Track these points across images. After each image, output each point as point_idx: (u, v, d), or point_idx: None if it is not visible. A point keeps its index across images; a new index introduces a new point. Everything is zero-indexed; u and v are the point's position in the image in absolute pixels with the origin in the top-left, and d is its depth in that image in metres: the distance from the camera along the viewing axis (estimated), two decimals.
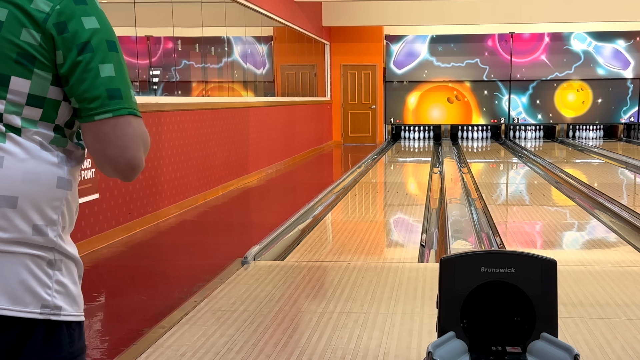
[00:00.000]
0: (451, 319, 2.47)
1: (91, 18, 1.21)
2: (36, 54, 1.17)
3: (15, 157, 1.16)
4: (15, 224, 1.16)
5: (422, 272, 4.37)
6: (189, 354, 3.02)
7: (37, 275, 1.18)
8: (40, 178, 1.18)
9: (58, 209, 1.21)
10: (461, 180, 9.29)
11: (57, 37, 1.17)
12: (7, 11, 1.16)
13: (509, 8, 14.86)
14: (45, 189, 1.18)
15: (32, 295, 1.17)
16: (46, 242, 1.19)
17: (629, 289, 4.00)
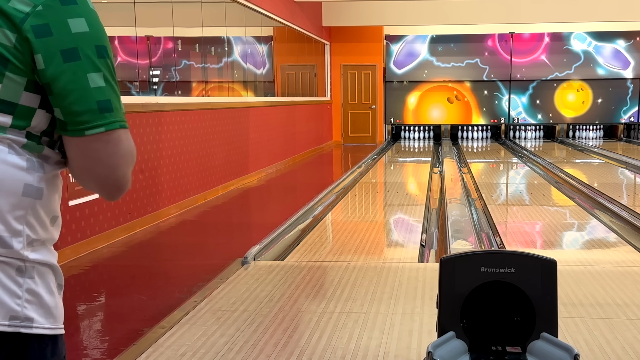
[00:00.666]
0: (451, 319, 2.47)
1: (80, 20, 1.08)
2: (9, 55, 1.06)
3: None
4: None
5: (422, 272, 4.37)
6: (189, 354, 3.02)
7: (4, 283, 1.06)
8: (3, 184, 1.06)
9: (22, 218, 1.08)
10: (461, 180, 9.29)
11: (34, 39, 1.05)
12: None
13: (509, 8, 14.86)
14: (7, 196, 1.06)
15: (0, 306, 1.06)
16: (10, 254, 1.06)
17: (629, 289, 4.00)
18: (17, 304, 1.07)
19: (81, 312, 4.02)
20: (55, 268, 1.15)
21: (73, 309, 4.12)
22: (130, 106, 6.21)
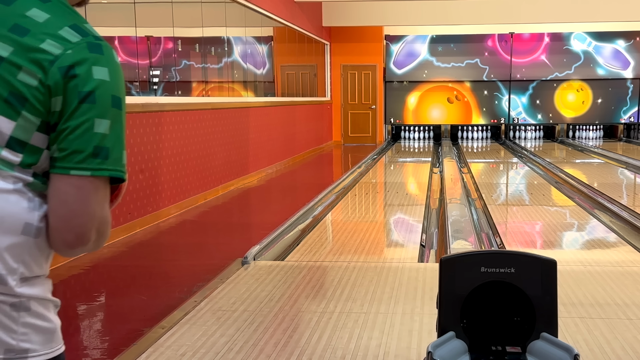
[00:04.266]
0: (451, 319, 2.47)
1: (103, 69, 1.11)
2: (29, 95, 1.08)
3: None
4: None
5: (422, 272, 4.38)
6: (189, 354, 3.02)
7: (6, 321, 1.08)
8: (4, 222, 1.07)
9: (19, 256, 1.08)
10: (461, 180, 9.29)
11: (60, 81, 1.08)
12: (13, 48, 1.09)
13: (509, 8, 14.86)
14: (6, 234, 1.07)
15: None
16: (5, 290, 1.07)
17: (629, 289, 4.00)
18: (13, 338, 1.09)
19: (81, 312, 4.02)
20: (50, 299, 1.15)
21: (73, 309, 4.12)
22: (131, 106, 6.21)
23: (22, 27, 1.10)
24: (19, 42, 1.09)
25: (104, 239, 1.17)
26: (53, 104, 1.09)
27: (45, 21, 1.11)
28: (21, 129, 1.08)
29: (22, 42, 1.09)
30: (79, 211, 1.10)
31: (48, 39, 1.09)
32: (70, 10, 1.16)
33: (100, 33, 1.17)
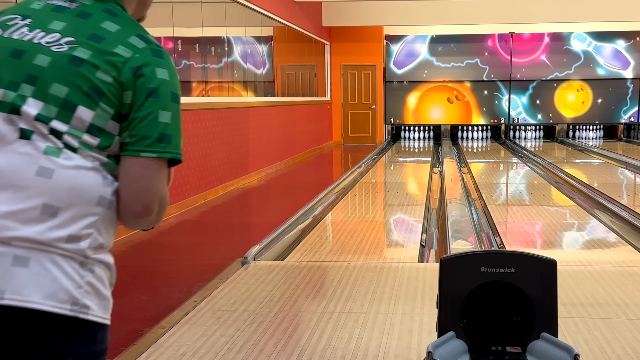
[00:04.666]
0: (451, 319, 2.47)
1: (164, 70, 1.35)
2: (105, 90, 1.31)
3: (65, 172, 1.29)
4: (52, 230, 1.26)
5: (422, 272, 4.38)
6: (189, 354, 3.02)
7: (70, 275, 1.27)
8: (83, 194, 1.29)
9: (93, 224, 1.30)
10: (461, 180, 9.29)
11: (130, 79, 1.32)
12: (91, 52, 1.32)
13: (509, 8, 14.86)
14: (85, 205, 1.29)
15: (64, 292, 1.26)
16: (77, 251, 1.28)
17: (629, 289, 4.00)
18: (78, 292, 1.27)
19: None
20: (111, 267, 1.36)
21: None
22: None
23: (98, 35, 1.34)
24: (97, 47, 1.33)
25: (163, 212, 1.39)
26: (125, 97, 1.32)
27: (117, 31, 1.35)
28: (99, 118, 1.31)
29: (99, 47, 1.33)
30: (146, 186, 1.32)
31: (120, 45, 1.33)
32: (134, 23, 1.41)
33: None
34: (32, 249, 1.26)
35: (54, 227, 1.27)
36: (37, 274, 1.25)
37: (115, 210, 1.34)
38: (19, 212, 1.27)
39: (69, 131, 1.31)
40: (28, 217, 1.27)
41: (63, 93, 1.31)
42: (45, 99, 1.31)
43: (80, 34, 1.34)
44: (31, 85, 1.32)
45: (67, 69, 1.32)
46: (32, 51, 1.34)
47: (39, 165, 1.28)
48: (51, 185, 1.28)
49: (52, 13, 1.39)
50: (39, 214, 1.27)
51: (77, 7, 1.38)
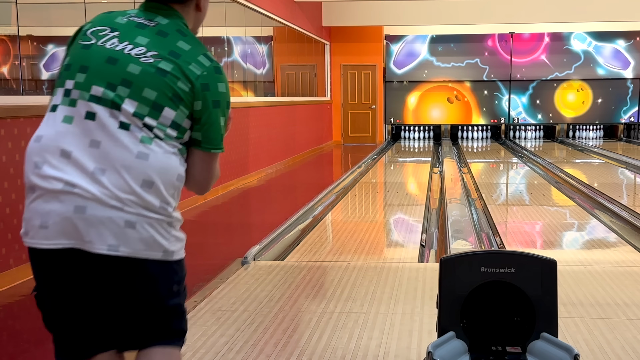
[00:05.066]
0: (451, 319, 2.47)
1: (223, 84, 1.82)
2: (184, 97, 1.76)
3: (157, 156, 1.72)
4: (149, 199, 1.72)
5: (422, 272, 4.38)
6: (189, 354, 3.02)
7: (162, 233, 1.75)
8: (169, 172, 1.75)
9: (173, 195, 1.78)
10: (461, 180, 9.29)
11: (200, 91, 1.77)
12: (173, 66, 1.75)
13: (509, 8, 14.86)
14: (170, 180, 1.75)
15: (159, 245, 1.75)
16: (164, 213, 1.75)
17: (629, 289, 4.00)
18: (167, 243, 1.76)
19: None
20: (181, 220, 1.84)
21: None
22: None
23: (176, 52, 1.77)
24: (176, 62, 1.76)
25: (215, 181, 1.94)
26: (195, 104, 1.78)
27: (189, 50, 1.79)
28: (178, 117, 1.76)
29: (177, 62, 1.76)
30: (210, 170, 1.87)
31: (193, 62, 1.77)
32: (199, 42, 1.84)
33: None
34: (137, 214, 1.71)
35: (151, 196, 1.72)
36: (141, 234, 1.71)
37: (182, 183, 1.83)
38: (125, 186, 1.69)
39: (157, 126, 1.74)
40: (132, 189, 1.70)
41: (153, 97, 1.73)
42: (139, 100, 1.72)
43: (161, 49, 1.76)
44: (127, 88, 1.72)
45: (155, 78, 1.74)
46: (124, 60, 1.74)
47: (138, 150, 1.71)
48: (147, 165, 1.71)
49: (136, 29, 1.79)
50: (140, 187, 1.70)
51: (156, 26, 1.81)
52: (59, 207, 1.69)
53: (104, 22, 1.81)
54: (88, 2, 5.63)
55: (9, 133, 4.36)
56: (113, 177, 1.69)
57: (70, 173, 1.69)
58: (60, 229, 1.69)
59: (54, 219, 1.70)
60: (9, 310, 3.96)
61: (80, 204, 1.68)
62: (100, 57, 1.75)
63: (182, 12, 1.87)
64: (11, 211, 4.37)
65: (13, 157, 4.39)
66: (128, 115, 1.71)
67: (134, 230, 1.71)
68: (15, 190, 4.41)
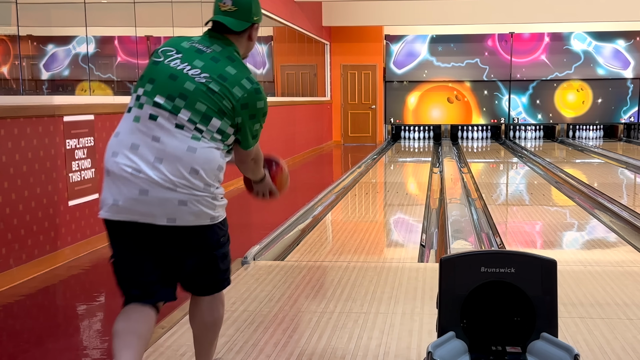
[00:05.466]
0: (451, 319, 2.47)
1: (261, 102, 2.35)
2: (227, 112, 2.29)
3: (203, 151, 2.25)
4: (197, 182, 2.26)
5: (422, 272, 4.38)
6: (189, 354, 3.02)
7: (208, 205, 2.31)
8: (211, 163, 2.29)
9: (215, 178, 2.33)
10: (461, 180, 9.29)
11: (240, 110, 2.31)
12: (220, 87, 2.27)
13: (509, 8, 14.86)
14: (211, 169, 2.29)
15: (207, 215, 2.31)
16: (208, 191, 2.30)
17: (629, 289, 4.00)
18: (213, 211, 2.34)
19: (81, 312, 4.02)
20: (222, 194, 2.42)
21: (73, 309, 4.12)
22: None
23: (224, 76, 2.29)
24: (222, 84, 2.28)
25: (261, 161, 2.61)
26: (236, 119, 2.32)
27: (234, 74, 2.30)
28: (223, 126, 2.29)
29: (224, 84, 2.28)
30: (247, 160, 2.50)
31: (236, 85, 2.29)
32: (244, 67, 2.34)
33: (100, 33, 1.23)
34: (188, 194, 2.24)
35: (197, 181, 2.25)
36: (191, 209, 2.26)
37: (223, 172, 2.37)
38: (178, 173, 2.22)
39: (207, 130, 2.26)
40: (183, 175, 2.22)
41: (203, 109, 2.25)
42: (192, 111, 2.25)
43: (212, 72, 2.28)
44: (183, 101, 2.24)
45: (206, 95, 2.26)
46: (182, 78, 2.26)
47: (188, 145, 2.23)
48: (195, 157, 2.24)
49: (195, 54, 2.32)
50: (189, 173, 2.24)
51: (211, 52, 2.33)
52: (127, 189, 2.22)
53: (172, 44, 2.36)
54: (88, 2, 5.63)
55: (9, 133, 4.36)
56: (168, 166, 2.22)
57: (137, 162, 2.21)
58: (128, 206, 2.23)
59: (123, 198, 2.22)
60: (9, 310, 3.96)
61: (144, 187, 2.21)
62: (164, 73, 2.28)
63: (236, 41, 2.39)
64: (11, 211, 4.37)
65: (13, 157, 4.39)
66: (183, 120, 2.24)
67: (186, 207, 2.25)
68: (15, 190, 4.41)
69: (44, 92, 5.73)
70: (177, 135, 2.22)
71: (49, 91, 5.82)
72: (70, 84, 6.02)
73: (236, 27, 2.35)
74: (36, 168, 4.63)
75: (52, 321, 3.85)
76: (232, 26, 2.34)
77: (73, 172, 5.07)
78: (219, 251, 2.41)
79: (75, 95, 5.82)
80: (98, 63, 6.20)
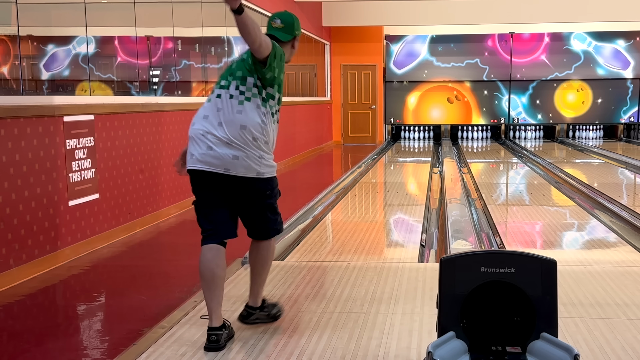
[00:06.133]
0: (451, 319, 2.47)
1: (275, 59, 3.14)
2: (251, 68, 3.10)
3: (247, 112, 3.03)
4: (246, 138, 3.01)
5: (422, 272, 4.38)
6: (189, 354, 3.02)
7: (255, 162, 3.04)
8: (254, 121, 3.03)
9: (260, 135, 3.05)
10: (461, 180, 9.29)
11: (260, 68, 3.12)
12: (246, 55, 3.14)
13: (509, 8, 14.86)
14: (256, 126, 3.04)
15: (254, 170, 3.05)
16: (256, 147, 3.05)
17: (629, 289, 4.00)
18: (259, 168, 3.06)
19: (81, 312, 4.02)
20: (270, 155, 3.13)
21: (73, 309, 4.12)
22: (130, 106, 6.20)
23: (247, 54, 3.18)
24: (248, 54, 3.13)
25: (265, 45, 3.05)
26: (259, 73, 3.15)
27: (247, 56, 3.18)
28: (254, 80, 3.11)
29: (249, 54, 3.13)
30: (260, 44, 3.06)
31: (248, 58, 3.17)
32: None
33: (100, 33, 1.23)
34: (240, 150, 3.02)
35: (247, 134, 3.02)
36: (241, 163, 3.03)
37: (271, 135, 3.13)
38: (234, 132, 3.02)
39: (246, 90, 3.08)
40: (237, 133, 3.02)
41: (240, 73, 3.10)
42: (235, 79, 3.10)
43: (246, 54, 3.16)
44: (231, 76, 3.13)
45: (240, 64, 3.15)
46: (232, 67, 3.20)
47: (237, 109, 3.05)
48: (242, 118, 3.03)
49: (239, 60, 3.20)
50: (239, 130, 3.02)
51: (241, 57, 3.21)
52: (199, 146, 3.07)
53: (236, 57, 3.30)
54: (88, 2, 5.63)
55: (9, 133, 4.36)
56: (227, 127, 3.04)
57: (206, 126, 3.07)
58: (201, 158, 3.06)
59: (197, 153, 3.07)
60: (9, 310, 3.96)
61: (210, 144, 3.04)
62: (228, 70, 3.21)
63: (283, 47, 3.22)
64: (11, 211, 4.37)
65: (13, 157, 4.39)
66: (233, 90, 3.10)
67: (238, 161, 3.04)
68: (16, 190, 4.41)
69: (44, 92, 5.73)
70: (231, 103, 3.06)
71: (49, 91, 5.82)
72: (70, 84, 6.02)
73: (283, 38, 3.24)
74: (36, 168, 4.63)
75: (52, 321, 3.85)
76: (281, 37, 3.23)
77: (73, 172, 5.07)
78: (266, 201, 3.17)
79: (75, 95, 5.82)
80: (98, 63, 6.20)
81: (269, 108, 3.09)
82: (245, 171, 3.04)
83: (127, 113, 6.00)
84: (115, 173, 5.75)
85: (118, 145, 5.81)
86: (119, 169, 5.81)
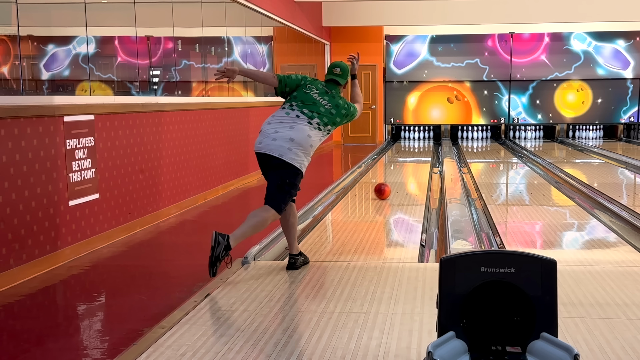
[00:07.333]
0: (451, 319, 2.47)
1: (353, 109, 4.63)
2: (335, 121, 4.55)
3: (303, 130, 4.35)
4: (296, 150, 4.31)
5: (422, 272, 4.38)
6: (189, 354, 3.02)
7: (293, 157, 4.30)
8: (304, 141, 4.33)
9: (306, 152, 4.36)
10: (461, 180, 9.29)
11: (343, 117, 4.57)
12: (336, 112, 4.52)
13: (509, 8, 14.86)
14: (305, 144, 4.33)
15: (292, 159, 4.30)
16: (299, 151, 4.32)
17: (629, 289, 4.00)
18: (294, 162, 4.31)
19: (81, 312, 4.02)
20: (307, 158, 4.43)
21: (73, 308, 4.12)
22: (131, 106, 6.20)
23: (337, 105, 4.51)
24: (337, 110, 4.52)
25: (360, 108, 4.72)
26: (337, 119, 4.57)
27: (342, 103, 4.56)
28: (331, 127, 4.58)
29: (338, 109, 4.51)
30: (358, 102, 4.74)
31: (342, 109, 4.54)
32: (343, 98, 4.68)
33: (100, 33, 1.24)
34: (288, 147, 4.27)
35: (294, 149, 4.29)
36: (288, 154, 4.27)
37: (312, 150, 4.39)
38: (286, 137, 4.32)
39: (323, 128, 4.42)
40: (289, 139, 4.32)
41: (326, 120, 4.41)
42: (320, 120, 4.39)
43: (332, 103, 4.45)
44: (317, 114, 4.39)
45: (329, 114, 4.43)
46: (318, 104, 4.42)
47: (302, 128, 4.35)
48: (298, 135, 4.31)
49: (325, 92, 4.48)
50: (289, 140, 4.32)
51: (330, 93, 4.49)
52: (265, 137, 4.29)
53: (313, 84, 4.48)
54: (88, 2, 5.63)
55: (9, 133, 4.36)
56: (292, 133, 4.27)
57: (277, 127, 4.30)
58: (264, 146, 4.27)
59: (262, 142, 4.29)
60: (9, 310, 3.96)
61: (274, 137, 4.26)
62: (310, 99, 4.41)
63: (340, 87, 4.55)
64: (11, 211, 4.37)
65: (13, 157, 4.39)
66: (316, 123, 4.37)
67: (286, 151, 4.22)
68: (16, 190, 4.41)
69: (44, 92, 5.73)
70: (303, 126, 4.32)
71: (49, 91, 5.82)
72: (70, 84, 6.02)
73: (342, 82, 4.55)
74: (36, 168, 4.63)
75: (52, 321, 3.85)
76: (341, 82, 4.54)
77: (73, 172, 5.07)
78: (285, 180, 4.28)
79: (75, 95, 5.82)
80: (98, 63, 6.20)
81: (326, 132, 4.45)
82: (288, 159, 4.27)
83: (127, 113, 6.00)
84: (115, 173, 5.75)
85: (118, 145, 5.81)
86: (119, 169, 5.81)
